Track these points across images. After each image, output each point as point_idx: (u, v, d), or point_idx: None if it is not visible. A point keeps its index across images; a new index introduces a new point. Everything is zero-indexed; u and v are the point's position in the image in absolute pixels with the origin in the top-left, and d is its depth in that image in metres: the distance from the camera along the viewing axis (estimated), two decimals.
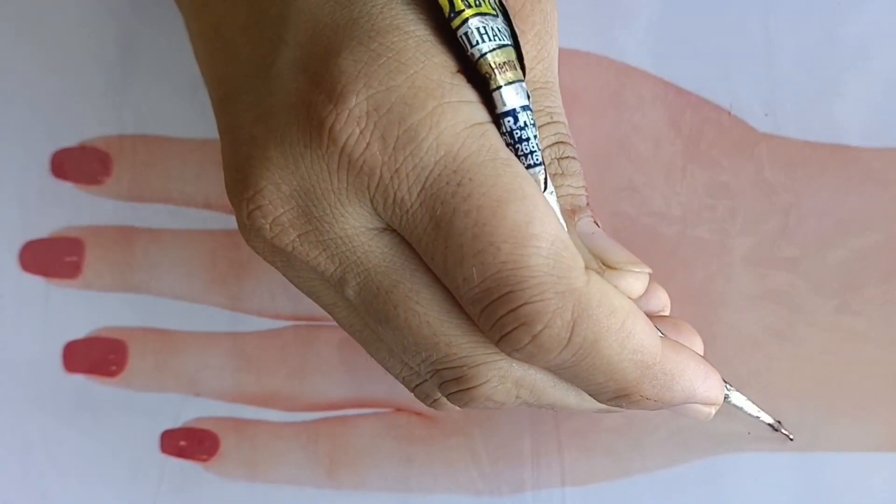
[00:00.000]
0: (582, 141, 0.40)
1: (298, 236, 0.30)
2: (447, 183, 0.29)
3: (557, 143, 0.33)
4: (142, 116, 0.42)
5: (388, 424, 0.40)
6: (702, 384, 0.33)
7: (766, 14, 0.40)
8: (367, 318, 0.32)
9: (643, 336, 0.31)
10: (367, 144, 0.29)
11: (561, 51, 0.34)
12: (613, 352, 0.30)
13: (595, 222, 0.33)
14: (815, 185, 0.39)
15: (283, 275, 0.33)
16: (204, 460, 0.41)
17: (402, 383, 0.34)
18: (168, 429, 0.41)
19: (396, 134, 0.29)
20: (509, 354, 0.30)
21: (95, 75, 0.42)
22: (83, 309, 0.42)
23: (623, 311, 0.30)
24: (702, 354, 0.35)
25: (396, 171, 0.29)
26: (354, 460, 0.40)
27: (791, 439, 0.38)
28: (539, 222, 0.29)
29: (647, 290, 0.35)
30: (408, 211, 0.29)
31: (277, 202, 0.30)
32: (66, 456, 0.41)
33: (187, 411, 0.41)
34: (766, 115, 0.39)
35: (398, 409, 0.40)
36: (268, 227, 0.30)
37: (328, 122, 0.29)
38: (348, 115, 0.29)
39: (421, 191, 0.29)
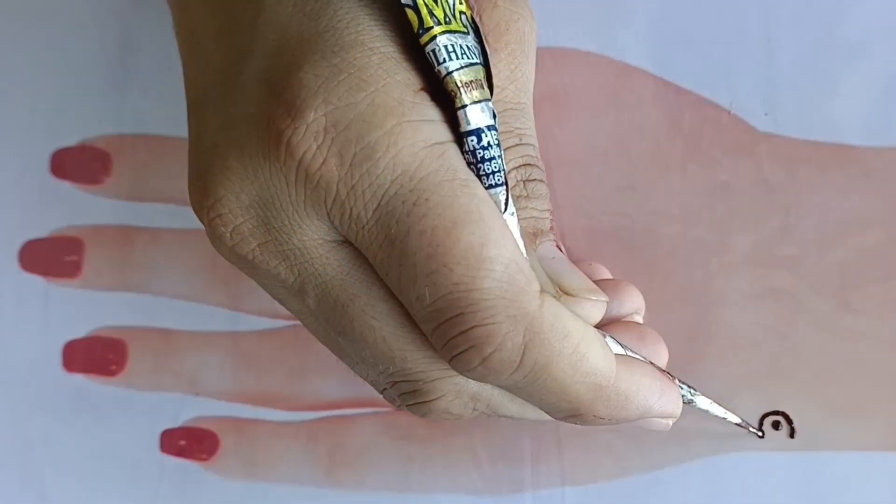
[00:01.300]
0: (581, 140, 0.40)
1: (258, 245, 0.31)
2: (403, 202, 0.29)
3: (524, 164, 0.33)
4: (142, 116, 0.42)
5: (387, 424, 0.40)
6: (657, 401, 0.33)
7: (766, 13, 0.40)
8: (328, 328, 0.32)
9: (597, 359, 0.31)
10: (324, 160, 0.29)
11: (560, 50, 0.34)
12: (566, 375, 0.30)
13: (558, 247, 0.33)
14: (815, 184, 0.39)
15: (253, 280, 0.33)
16: (203, 460, 0.41)
17: (372, 386, 0.34)
18: (168, 428, 0.41)
19: (353, 151, 0.28)
20: (461, 373, 0.30)
21: (95, 75, 0.42)
22: (83, 308, 0.42)
23: (577, 335, 0.30)
24: (665, 363, 0.35)
25: (353, 187, 0.29)
26: (354, 459, 0.40)
27: (760, 436, 0.38)
28: (494, 245, 0.29)
29: (620, 293, 0.35)
30: (363, 227, 0.29)
31: (237, 211, 0.30)
32: (66, 455, 0.41)
33: (187, 410, 0.41)
34: (766, 114, 0.39)
35: (398, 409, 0.40)
36: (228, 235, 0.31)
37: (286, 135, 0.29)
38: (306, 129, 0.28)
39: (377, 208, 0.29)
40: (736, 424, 0.38)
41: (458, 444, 0.40)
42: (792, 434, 0.39)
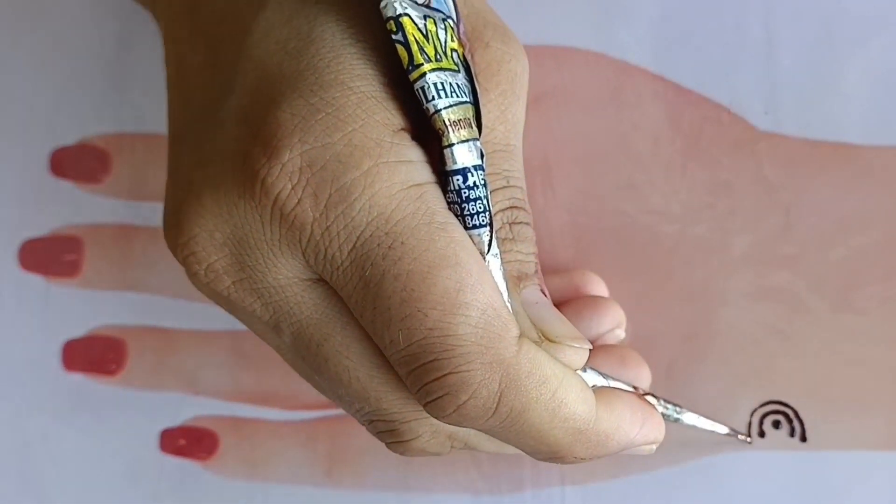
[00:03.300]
0: (581, 139, 0.40)
1: (233, 283, 0.30)
2: (378, 245, 0.28)
3: (511, 207, 0.32)
4: (141, 114, 0.42)
5: None
6: (638, 432, 0.33)
7: (766, 11, 0.40)
8: (304, 366, 0.32)
9: (575, 405, 0.30)
10: (299, 200, 0.28)
11: (561, 48, 0.34)
12: (543, 421, 0.30)
13: (542, 291, 0.32)
14: (815, 183, 0.39)
15: (231, 315, 0.33)
16: (203, 459, 0.41)
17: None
18: (167, 427, 0.41)
19: (329, 192, 0.28)
20: (436, 418, 0.30)
21: (95, 73, 0.42)
22: (82, 307, 0.42)
23: (555, 381, 0.30)
24: (648, 384, 0.35)
25: (327, 228, 0.28)
26: (354, 459, 0.40)
27: (749, 442, 0.38)
28: (470, 290, 0.28)
29: (600, 309, 0.35)
30: (338, 268, 0.29)
31: (211, 249, 0.30)
32: (66, 455, 0.41)
33: (186, 410, 0.41)
34: (766, 112, 0.39)
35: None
36: (202, 272, 0.30)
37: (261, 174, 0.28)
38: (281, 169, 0.28)
39: (352, 250, 0.29)
40: (726, 434, 0.38)
41: None
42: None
